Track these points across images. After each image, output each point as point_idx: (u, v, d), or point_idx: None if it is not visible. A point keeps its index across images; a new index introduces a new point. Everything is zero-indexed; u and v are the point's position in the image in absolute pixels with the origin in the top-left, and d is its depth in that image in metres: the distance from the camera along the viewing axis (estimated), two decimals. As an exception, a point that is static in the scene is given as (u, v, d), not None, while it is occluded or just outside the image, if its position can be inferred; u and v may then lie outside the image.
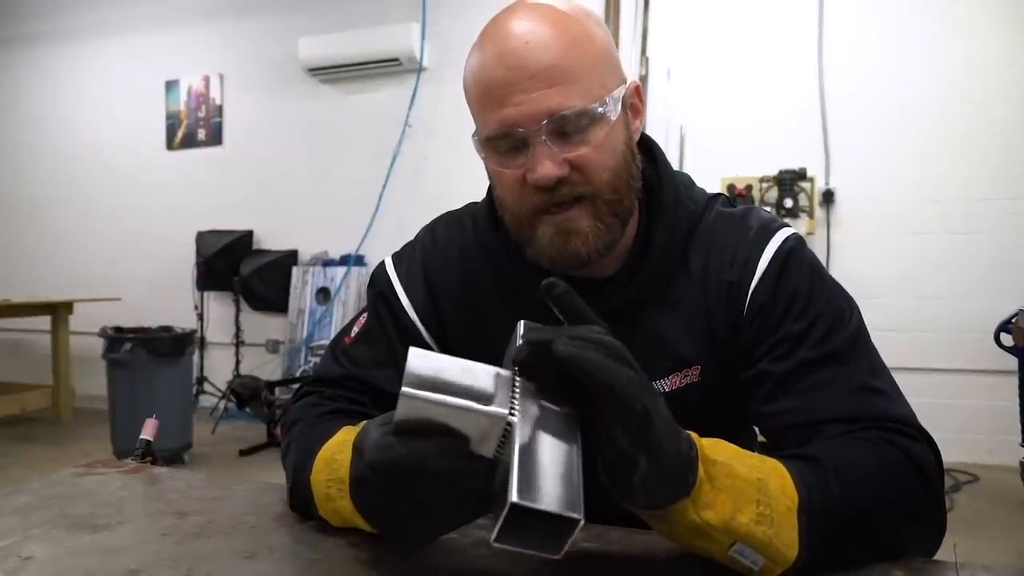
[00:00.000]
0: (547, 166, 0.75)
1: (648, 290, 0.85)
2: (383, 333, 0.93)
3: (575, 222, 0.78)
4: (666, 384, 0.84)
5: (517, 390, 0.57)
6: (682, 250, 0.86)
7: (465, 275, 0.92)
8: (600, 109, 0.76)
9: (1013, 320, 2.99)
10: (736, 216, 0.87)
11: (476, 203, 0.97)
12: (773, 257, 0.82)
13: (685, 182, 0.90)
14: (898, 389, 0.78)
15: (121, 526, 0.77)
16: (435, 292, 0.92)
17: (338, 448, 0.72)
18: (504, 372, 0.59)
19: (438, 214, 1.01)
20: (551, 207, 0.77)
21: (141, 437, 0.99)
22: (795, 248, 0.83)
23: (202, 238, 5.15)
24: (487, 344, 0.90)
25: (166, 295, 5.31)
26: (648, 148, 0.90)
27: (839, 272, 3.95)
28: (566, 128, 0.75)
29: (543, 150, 0.75)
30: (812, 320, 0.79)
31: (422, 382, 0.56)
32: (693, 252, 0.86)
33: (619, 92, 0.79)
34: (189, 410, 4.09)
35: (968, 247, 3.76)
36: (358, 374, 0.92)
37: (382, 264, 0.97)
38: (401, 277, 0.94)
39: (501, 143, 0.78)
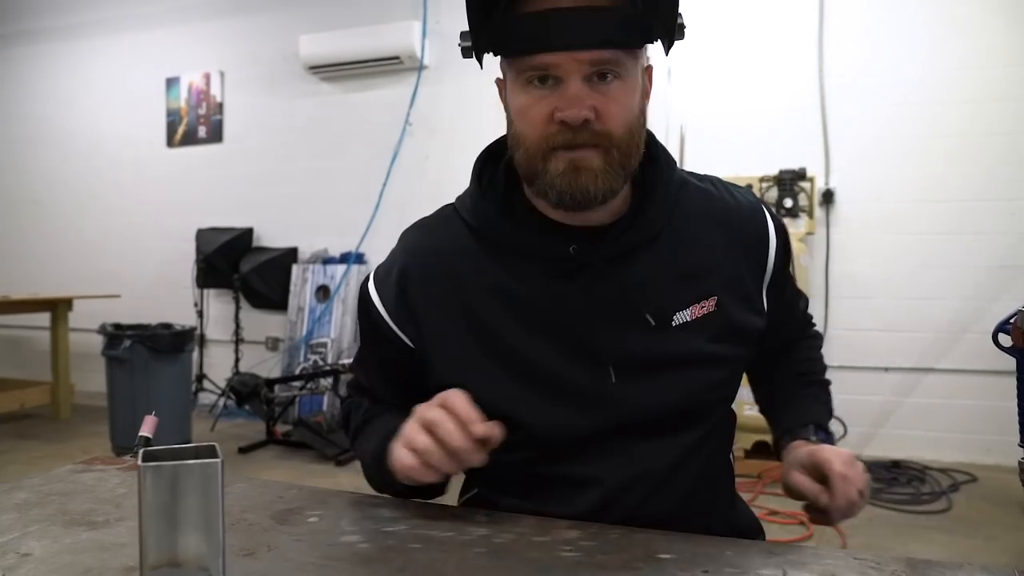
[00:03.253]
0: (578, 106, 0.79)
1: (656, 226, 0.90)
2: (372, 352, 1.00)
3: (588, 160, 0.82)
4: (687, 315, 0.89)
5: None
6: (678, 195, 0.93)
7: (441, 258, 0.93)
8: (628, 66, 0.82)
9: (1012, 321, 2.99)
10: (706, 177, 1.01)
11: (449, 204, 0.98)
12: (777, 221, 0.99)
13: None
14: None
15: (120, 523, 0.77)
16: (406, 288, 0.93)
17: None
18: None
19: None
20: (570, 145, 0.81)
21: (140, 434, 0.98)
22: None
23: (202, 235, 5.15)
24: (472, 324, 0.90)
25: (166, 292, 5.31)
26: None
27: (839, 272, 3.97)
28: (601, 71, 0.80)
29: (577, 90, 0.79)
30: (789, 268, 1.03)
31: None
32: (690, 197, 0.94)
33: (642, 61, 0.85)
34: (188, 407, 4.10)
35: (968, 247, 3.76)
36: (376, 395, 1.01)
37: (366, 278, 1.00)
38: (377, 285, 0.96)
39: (533, 75, 0.81)
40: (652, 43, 0.84)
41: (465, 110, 4.60)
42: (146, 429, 0.98)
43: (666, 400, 0.87)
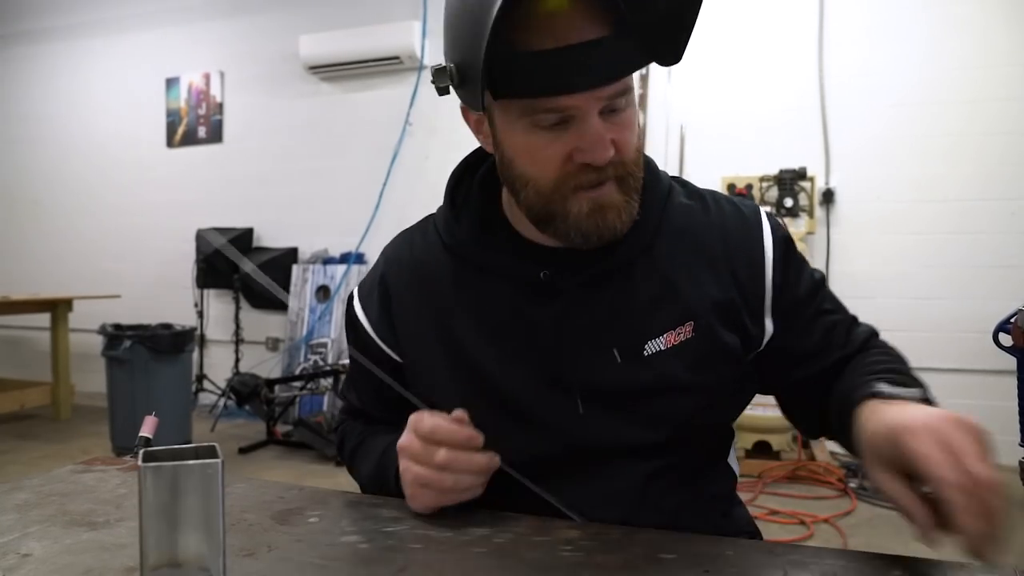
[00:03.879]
0: (604, 145, 0.75)
1: (635, 250, 0.85)
2: (362, 370, 0.95)
3: (610, 197, 0.78)
4: (661, 343, 0.84)
5: None
6: (660, 217, 0.88)
7: (418, 273, 0.92)
8: (631, 86, 0.78)
9: (1012, 320, 2.99)
10: (696, 191, 0.93)
11: (431, 215, 0.98)
12: (774, 229, 0.90)
13: (661, 170, 0.94)
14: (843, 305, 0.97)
15: (120, 523, 0.77)
16: (388, 303, 0.93)
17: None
18: None
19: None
20: (595, 184, 0.78)
21: (140, 434, 0.98)
22: (778, 222, 0.93)
23: (202, 235, 5.15)
24: (445, 342, 0.89)
25: (166, 292, 5.31)
26: None
27: (839, 272, 3.97)
28: (616, 106, 0.76)
29: (599, 129, 0.75)
30: (809, 281, 0.92)
31: None
32: (672, 217, 0.89)
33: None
34: (188, 408, 4.10)
35: (968, 247, 3.75)
36: (366, 412, 1.01)
37: (351, 295, 0.99)
38: (362, 298, 0.96)
39: (547, 117, 0.75)
40: (656, 56, 0.77)
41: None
42: (146, 429, 0.98)
43: (636, 433, 0.84)
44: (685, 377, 0.84)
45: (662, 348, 0.84)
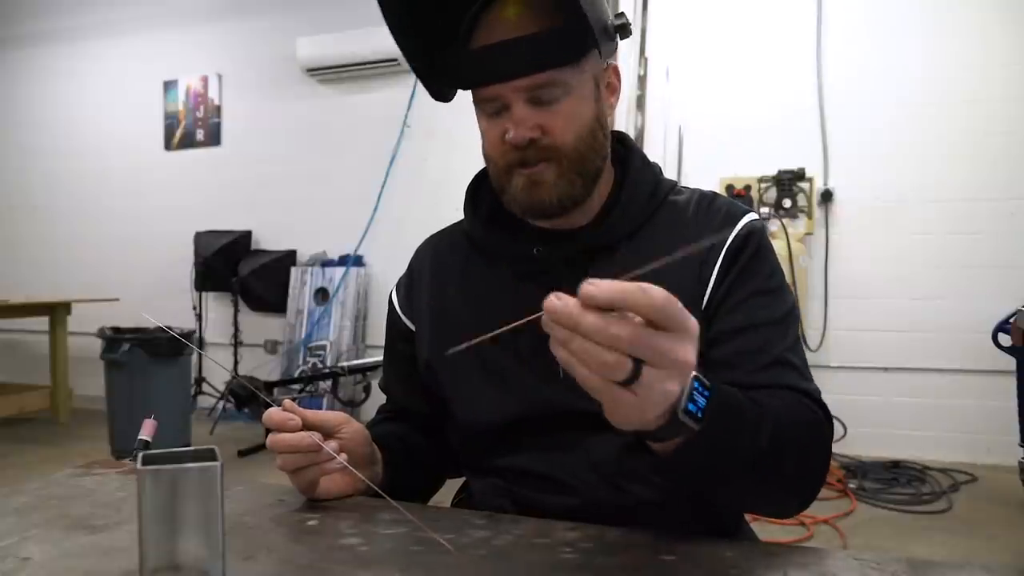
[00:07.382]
0: (521, 128, 0.86)
1: (620, 231, 0.92)
2: (388, 348, 1.09)
3: (542, 174, 0.88)
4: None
5: None
6: (649, 204, 0.94)
7: (439, 258, 1.04)
8: (571, 80, 0.86)
9: (1011, 320, 2.99)
10: (706, 195, 0.97)
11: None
12: (747, 230, 0.91)
13: (656, 166, 1.00)
14: (808, 370, 0.88)
15: (119, 527, 0.77)
16: (412, 279, 1.06)
17: None
18: None
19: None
20: (523, 162, 0.88)
21: (139, 437, 0.98)
22: (763, 228, 0.95)
23: (200, 238, 5.14)
24: (440, 317, 1.01)
25: (164, 295, 5.31)
26: (621, 136, 1.01)
27: (838, 272, 3.97)
28: (546, 97, 0.86)
29: (520, 114, 0.86)
30: (768, 278, 0.90)
31: None
32: (663, 211, 0.95)
33: (589, 71, 0.88)
34: (187, 411, 4.09)
35: (967, 247, 3.76)
36: (389, 395, 1.12)
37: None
38: (397, 286, 1.08)
39: (488, 105, 0.89)
40: (587, 54, 0.85)
41: (463, 112, 4.56)
42: (145, 433, 0.98)
43: None
44: None
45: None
